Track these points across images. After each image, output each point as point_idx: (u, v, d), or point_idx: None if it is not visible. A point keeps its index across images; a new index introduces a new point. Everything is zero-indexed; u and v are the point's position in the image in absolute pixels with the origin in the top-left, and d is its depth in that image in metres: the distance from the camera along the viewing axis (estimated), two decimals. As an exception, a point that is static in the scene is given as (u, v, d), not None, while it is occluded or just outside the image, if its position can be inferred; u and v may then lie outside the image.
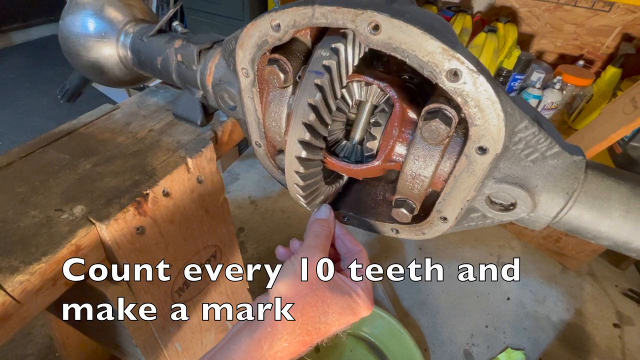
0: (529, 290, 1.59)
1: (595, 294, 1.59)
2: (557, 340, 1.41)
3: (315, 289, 0.34)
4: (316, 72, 0.34)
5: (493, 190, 0.36)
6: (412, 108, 0.37)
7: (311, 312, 0.33)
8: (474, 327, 1.44)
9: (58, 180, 0.44)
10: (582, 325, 1.46)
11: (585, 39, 1.85)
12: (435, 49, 0.28)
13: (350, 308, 0.35)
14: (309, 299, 0.34)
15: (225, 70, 0.49)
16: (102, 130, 0.54)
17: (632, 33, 1.74)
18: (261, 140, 0.49)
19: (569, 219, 0.34)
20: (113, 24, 0.57)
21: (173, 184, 0.47)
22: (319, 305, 0.34)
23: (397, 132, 0.37)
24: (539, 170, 0.34)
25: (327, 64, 0.33)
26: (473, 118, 0.30)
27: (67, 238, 0.36)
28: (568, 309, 1.52)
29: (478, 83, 0.28)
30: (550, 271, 1.67)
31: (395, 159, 0.39)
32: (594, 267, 1.69)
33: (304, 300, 0.34)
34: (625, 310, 1.53)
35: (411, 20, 0.28)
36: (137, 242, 0.43)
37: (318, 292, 0.34)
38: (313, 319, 0.33)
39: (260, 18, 0.37)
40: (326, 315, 0.34)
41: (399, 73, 0.45)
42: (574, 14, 1.81)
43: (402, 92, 0.38)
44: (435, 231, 0.45)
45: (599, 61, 1.87)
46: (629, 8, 1.69)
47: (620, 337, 1.43)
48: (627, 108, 1.17)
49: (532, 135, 0.31)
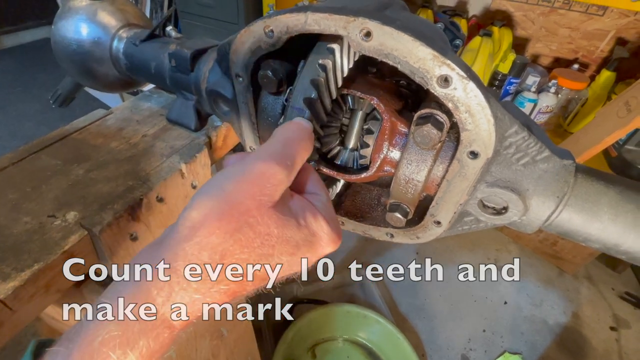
0: (526, 294, 1.59)
1: (592, 297, 1.59)
2: (555, 344, 1.41)
3: (254, 222, 0.23)
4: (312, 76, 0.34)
5: (485, 194, 0.36)
6: (402, 120, 0.37)
7: (242, 254, 0.23)
8: (471, 331, 1.44)
9: (50, 186, 0.44)
10: (579, 329, 1.46)
11: (580, 43, 1.87)
12: (425, 56, 0.28)
13: (307, 244, 0.25)
14: (240, 235, 0.22)
15: (219, 76, 0.49)
16: (95, 136, 0.54)
17: (625, 37, 1.76)
18: (256, 145, 0.49)
19: (560, 222, 0.35)
20: (106, 29, 0.57)
21: (167, 189, 0.47)
22: (256, 245, 0.23)
23: (387, 145, 0.38)
24: (530, 174, 0.34)
25: (323, 63, 0.33)
26: (464, 123, 0.31)
27: (59, 244, 0.36)
28: (565, 313, 1.52)
29: (468, 89, 0.29)
30: (547, 274, 1.67)
31: (387, 170, 0.40)
32: (590, 270, 1.70)
33: (232, 237, 0.22)
34: (622, 314, 1.53)
35: (402, 28, 0.28)
36: (130, 248, 0.43)
37: (259, 225, 0.23)
38: (244, 262, 0.23)
39: (253, 24, 0.37)
40: (268, 257, 0.23)
41: (392, 77, 0.45)
42: (568, 17, 1.83)
43: (393, 102, 0.38)
44: (429, 235, 0.45)
45: (594, 65, 1.89)
46: (622, 12, 1.71)
47: (617, 340, 1.43)
48: (621, 111, 1.18)
49: (522, 139, 0.32)
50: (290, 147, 0.27)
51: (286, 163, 0.25)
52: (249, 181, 0.24)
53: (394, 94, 0.39)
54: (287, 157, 0.26)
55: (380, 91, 0.38)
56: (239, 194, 0.23)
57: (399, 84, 0.45)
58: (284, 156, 0.26)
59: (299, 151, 0.27)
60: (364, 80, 0.41)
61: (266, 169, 0.24)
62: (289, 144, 0.27)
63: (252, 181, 0.24)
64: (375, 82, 0.41)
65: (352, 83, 0.40)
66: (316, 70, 0.33)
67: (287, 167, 0.25)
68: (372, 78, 0.43)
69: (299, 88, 0.34)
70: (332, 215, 0.28)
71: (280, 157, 0.26)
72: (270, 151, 0.26)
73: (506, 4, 1.95)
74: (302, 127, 0.30)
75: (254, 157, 0.25)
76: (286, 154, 0.26)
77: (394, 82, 0.44)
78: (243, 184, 0.24)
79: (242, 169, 0.25)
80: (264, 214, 0.23)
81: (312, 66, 0.34)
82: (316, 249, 0.26)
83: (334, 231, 0.26)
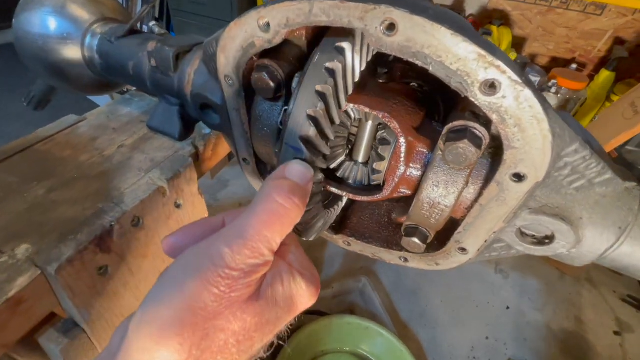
0: (528, 298, 1.55)
1: (594, 300, 1.56)
2: (559, 350, 1.38)
3: (224, 323, 0.19)
4: (316, 81, 0.27)
5: (527, 222, 0.30)
6: (422, 140, 0.31)
7: (213, 354, 0.19)
8: (474, 339, 1.40)
9: (1, 210, 0.36)
10: (583, 334, 1.43)
11: (577, 42, 1.85)
12: (468, 55, 0.22)
13: (287, 311, 0.23)
14: (209, 343, 0.19)
15: (207, 78, 0.42)
16: (62, 147, 0.46)
17: (623, 36, 1.74)
18: (249, 157, 0.43)
19: (619, 256, 0.29)
20: (77, 23, 0.50)
21: (145, 211, 0.40)
22: (231, 345, 0.20)
23: (404, 168, 0.31)
24: (584, 200, 0.28)
25: (331, 67, 0.26)
26: (511, 139, 0.25)
27: (3, 289, 0.29)
28: (568, 317, 1.49)
29: (522, 98, 0.22)
30: (548, 278, 1.64)
31: (403, 191, 0.33)
32: (591, 273, 1.67)
33: (200, 348, 0.19)
34: (625, 317, 1.51)
35: (437, 18, 0.22)
36: (98, 285, 0.36)
37: (232, 324, 0.20)
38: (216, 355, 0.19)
39: (245, 15, 0.30)
40: (250, 348, 0.21)
41: (403, 79, 0.38)
42: (566, 17, 1.81)
43: (410, 116, 0.31)
44: (451, 262, 0.39)
45: (591, 64, 1.87)
46: (620, 11, 1.69)
47: (621, 345, 1.41)
48: (627, 113, 1.15)
49: (582, 159, 0.26)
50: (273, 226, 0.22)
51: (266, 249, 0.21)
52: (216, 277, 0.19)
53: (412, 103, 0.33)
54: (268, 241, 0.21)
55: (394, 103, 0.31)
56: (202, 294, 0.19)
57: (413, 88, 0.39)
58: (263, 240, 0.21)
59: (283, 230, 0.22)
60: (375, 86, 0.34)
61: (240, 260, 0.20)
62: (272, 222, 0.22)
63: (220, 276, 0.19)
64: (388, 88, 0.35)
65: (360, 89, 0.33)
66: (322, 77, 0.27)
67: (266, 254, 0.21)
68: (384, 82, 0.37)
69: (295, 115, 0.27)
70: (306, 264, 0.25)
71: (259, 241, 0.21)
72: (247, 234, 0.21)
73: (503, 3, 1.91)
74: (293, 196, 0.24)
75: (224, 239, 0.20)
76: (266, 237, 0.21)
77: (410, 86, 0.38)
78: (207, 281, 0.19)
79: (208, 256, 0.19)
80: (237, 310, 0.19)
81: (315, 74, 0.28)
82: (297, 310, 0.23)
83: (311, 285, 0.24)
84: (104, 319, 0.39)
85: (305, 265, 0.25)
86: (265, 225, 0.21)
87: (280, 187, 0.23)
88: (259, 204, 0.22)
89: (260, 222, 0.21)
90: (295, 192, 0.24)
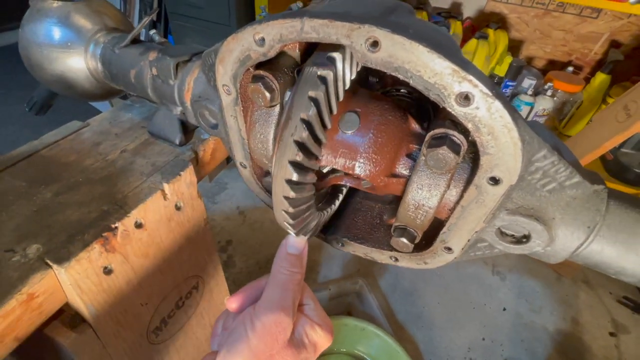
0: (525, 300, 1.57)
1: (590, 302, 1.58)
2: (555, 351, 1.39)
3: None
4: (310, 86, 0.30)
5: (505, 222, 0.32)
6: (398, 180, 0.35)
7: None
8: (471, 340, 1.41)
9: (11, 213, 0.39)
10: (578, 335, 1.45)
11: (574, 45, 1.87)
12: (443, 70, 0.24)
13: (312, 351, 0.32)
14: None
15: (206, 86, 0.45)
16: (67, 152, 0.48)
17: (619, 39, 1.76)
18: (246, 161, 0.45)
19: (590, 254, 0.31)
20: (81, 33, 0.52)
21: (147, 213, 0.42)
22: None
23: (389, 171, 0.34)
24: (557, 201, 0.30)
25: (323, 75, 0.29)
26: (485, 146, 0.27)
27: (16, 286, 0.31)
28: (564, 318, 1.51)
29: (493, 109, 0.24)
30: (545, 279, 1.66)
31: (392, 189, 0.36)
32: (588, 274, 1.68)
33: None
34: (620, 318, 1.52)
35: (415, 37, 0.24)
36: (104, 283, 0.38)
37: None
38: None
39: (242, 31, 0.32)
40: None
41: (395, 85, 0.41)
42: (563, 20, 1.83)
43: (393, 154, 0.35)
44: (438, 261, 0.41)
45: (588, 67, 1.89)
46: (616, 15, 1.71)
47: (616, 346, 1.42)
48: (620, 116, 1.17)
49: (551, 164, 0.28)
50: (287, 291, 0.32)
51: (290, 309, 0.31)
52: (268, 333, 0.30)
53: (398, 114, 0.35)
54: (288, 302, 0.32)
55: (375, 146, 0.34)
56: (263, 345, 0.29)
57: (403, 95, 0.41)
58: (286, 302, 0.31)
59: (296, 294, 0.33)
60: (364, 96, 0.37)
61: (278, 320, 0.30)
62: (286, 288, 0.32)
63: (270, 332, 0.30)
64: (376, 97, 0.37)
65: (351, 95, 0.36)
66: (315, 84, 0.29)
67: (291, 312, 0.31)
68: (373, 92, 0.39)
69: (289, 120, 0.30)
70: (323, 317, 0.34)
71: (284, 303, 0.31)
72: (275, 300, 0.32)
73: (500, 5, 1.94)
74: (293, 267, 0.34)
75: (264, 309, 0.31)
76: (286, 299, 0.32)
77: (397, 91, 0.40)
78: (264, 336, 0.30)
79: (260, 321, 0.30)
80: (281, 352, 0.30)
81: (308, 82, 0.30)
82: (318, 351, 0.33)
83: (327, 331, 0.33)
84: (108, 314, 0.41)
85: (321, 317, 0.34)
86: (282, 291, 0.32)
87: (282, 261, 0.34)
88: (272, 280, 0.33)
89: (279, 287, 0.32)
90: (295, 264, 0.34)
